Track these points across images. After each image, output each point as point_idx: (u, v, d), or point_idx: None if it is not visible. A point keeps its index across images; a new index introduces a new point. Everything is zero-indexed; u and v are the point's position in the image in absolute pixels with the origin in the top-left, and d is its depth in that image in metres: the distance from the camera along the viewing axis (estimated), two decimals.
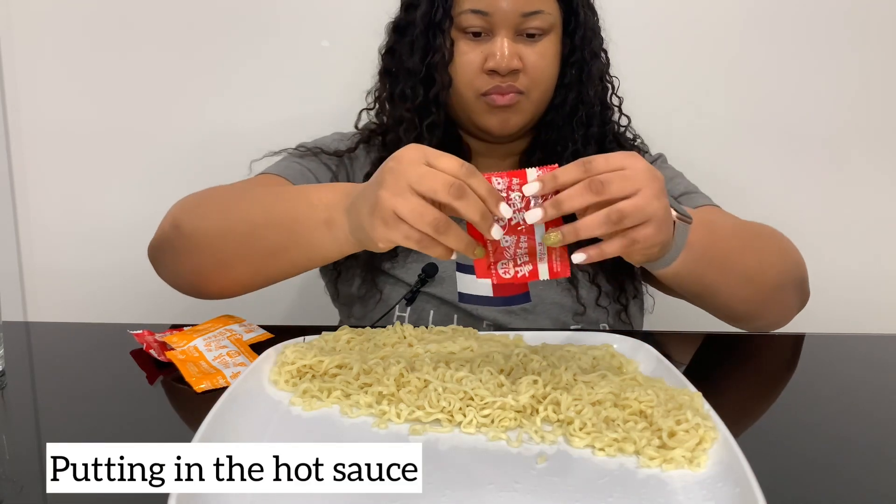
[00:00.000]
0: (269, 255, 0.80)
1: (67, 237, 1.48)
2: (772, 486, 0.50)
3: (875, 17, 1.39)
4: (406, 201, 0.61)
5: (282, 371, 0.71)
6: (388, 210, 0.62)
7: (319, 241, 0.74)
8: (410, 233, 0.62)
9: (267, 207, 0.81)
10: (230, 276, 0.85)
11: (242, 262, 0.83)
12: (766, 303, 0.88)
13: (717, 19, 1.39)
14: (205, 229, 0.84)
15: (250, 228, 0.80)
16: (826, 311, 1.40)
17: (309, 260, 0.79)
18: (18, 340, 0.88)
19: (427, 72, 0.97)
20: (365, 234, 0.67)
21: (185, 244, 0.86)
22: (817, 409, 0.73)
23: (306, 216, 0.75)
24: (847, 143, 1.44)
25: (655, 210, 0.62)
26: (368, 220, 0.65)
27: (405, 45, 0.99)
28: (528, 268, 0.65)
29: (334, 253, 0.75)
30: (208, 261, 0.84)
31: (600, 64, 1.02)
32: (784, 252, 0.90)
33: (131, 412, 0.70)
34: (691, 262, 0.74)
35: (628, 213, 0.61)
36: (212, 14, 1.39)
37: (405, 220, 0.62)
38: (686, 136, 1.36)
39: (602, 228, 0.61)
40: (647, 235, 0.63)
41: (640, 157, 0.64)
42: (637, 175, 0.62)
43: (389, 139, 1.02)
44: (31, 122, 1.44)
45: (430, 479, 0.54)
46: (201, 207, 0.87)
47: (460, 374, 0.67)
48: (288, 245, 0.77)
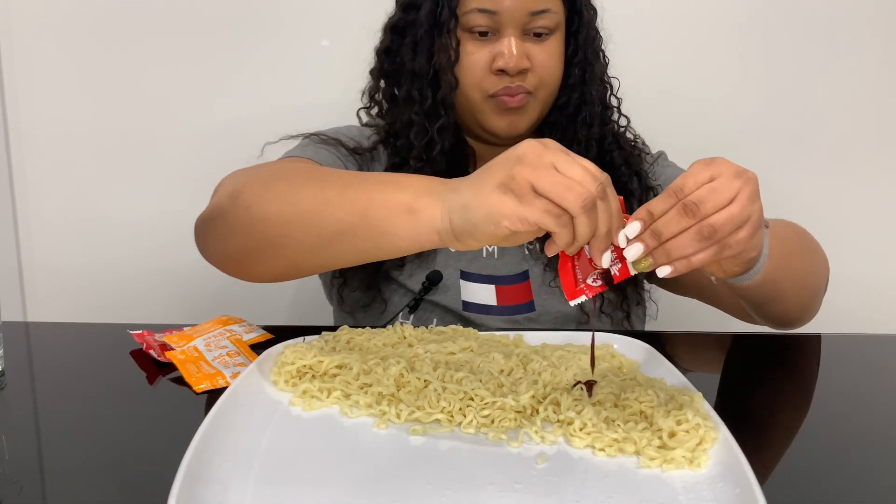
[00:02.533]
0: (333, 238, 0.70)
1: (67, 236, 1.48)
2: (772, 486, 0.50)
3: (876, 17, 1.39)
4: (550, 174, 0.56)
5: (282, 371, 0.71)
6: (525, 183, 0.56)
7: (395, 227, 0.65)
8: (551, 208, 0.56)
9: (340, 187, 0.71)
10: (283, 259, 0.77)
11: (302, 244, 0.73)
12: (813, 304, 0.89)
13: (717, 19, 1.39)
14: (268, 205, 0.75)
15: (319, 207, 0.71)
16: (826, 311, 1.40)
17: (377, 248, 0.69)
18: (18, 340, 0.88)
19: (434, 73, 0.96)
20: (478, 215, 0.59)
21: (241, 219, 0.77)
22: (817, 409, 0.73)
23: (384, 199, 0.66)
24: (849, 144, 1.44)
25: (750, 213, 0.59)
26: (494, 197, 0.58)
27: (407, 46, 0.98)
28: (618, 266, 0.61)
29: (409, 242, 0.66)
30: (263, 240, 0.76)
31: (601, 64, 1.02)
32: (820, 252, 0.91)
33: (131, 412, 0.70)
34: (770, 269, 0.71)
35: (720, 225, 0.57)
36: (212, 14, 1.39)
37: (546, 194, 0.56)
38: (686, 137, 1.36)
39: (695, 246, 0.58)
40: (741, 240, 0.59)
41: (725, 160, 0.60)
42: (729, 182, 0.58)
43: (400, 144, 1.00)
44: (31, 122, 1.44)
45: (430, 479, 0.54)
46: (268, 184, 0.78)
47: (460, 375, 0.67)
48: (356, 229, 0.68)
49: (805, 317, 0.92)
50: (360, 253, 0.71)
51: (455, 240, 0.62)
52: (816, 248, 0.91)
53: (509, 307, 0.98)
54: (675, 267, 0.59)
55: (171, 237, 1.33)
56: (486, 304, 0.98)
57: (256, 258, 0.78)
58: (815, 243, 0.91)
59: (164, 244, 1.44)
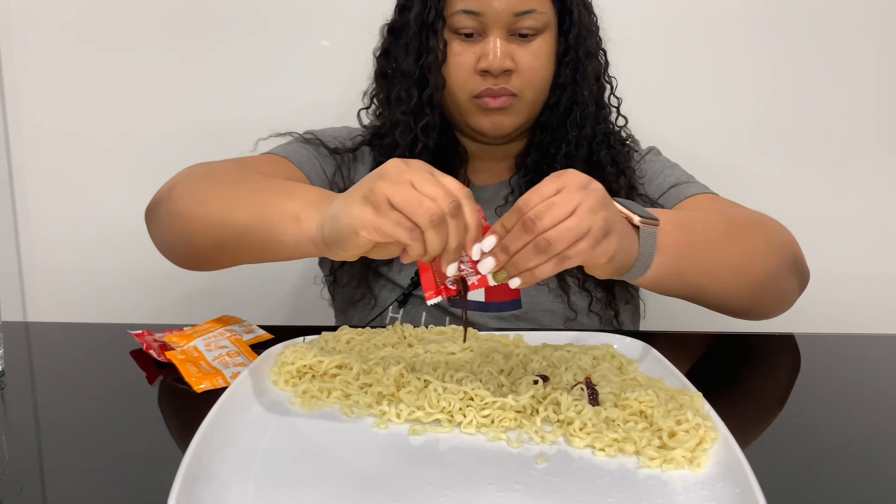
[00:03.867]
0: (234, 238, 0.77)
1: (67, 237, 1.48)
2: (772, 487, 0.50)
3: (875, 17, 1.39)
4: (405, 190, 0.60)
5: (281, 371, 0.71)
6: (383, 196, 0.60)
7: (281, 234, 0.71)
8: (403, 220, 0.59)
9: (247, 192, 0.79)
10: (196, 251, 0.84)
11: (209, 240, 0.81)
12: (762, 293, 0.86)
13: (717, 19, 1.39)
14: (189, 202, 0.83)
15: (227, 208, 0.78)
16: (827, 311, 1.40)
17: (266, 250, 0.75)
18: (18, 340, 0.88)
19: (421, 73, 0.97)
20: (342, 224, 0.63)
21: (169, 212, 0.85)
22: (818, 409, 0.73)
23: (278, 206, 0.72)
24: (847, 143, 1.43)
25: (590, 224, 0.61)
26: (356, 208, 0.61)
27: (400, 47, 0.99)
28: (475, 278, 0.65)
29: (291, 249, 0.72)
30: (182, 234, 0.84)
31: (596, 64, 1.01)
32: (770, 238, 0.86)
33: (131, 412, 0.70)
34: (669, 265, 0.73)
35: (555, 239, 0.60)
36: (211, 14, 1.39)
37: (400, 208, 0.59)
38: (686, 137, 1.36)
39: (535, 260, 0.61)
40: (581, 251, 0.61)
41: (575, 173, 0.63)
42: (569, 196, 0.61)
43: (387, 142, 1.02)
44: (31, 123, 1.44)
45: (430, 479, 0.54)
46: (197, 182, 0.85)
47: (460, 375, 0.67)
48: (252, 232, 0.75)
49: (760, 304, 0.88)
50: (254, 254, 0.78)
51: (327, 249, 0.66)
52: (760, 234, 0.86)
53: (496, 304, 0.99)
54: (522, 279, 0.62)
55: None
56: (474, 299, 0.99)
57: (180, 249, 0.87)
58: (762, 228, 0.87)
59: None
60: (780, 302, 0.90)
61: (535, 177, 1.00)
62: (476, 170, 1.06)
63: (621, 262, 0.68)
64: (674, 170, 1.05)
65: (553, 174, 0.63)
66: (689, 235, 0.76)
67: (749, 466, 0.52)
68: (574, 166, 0.98)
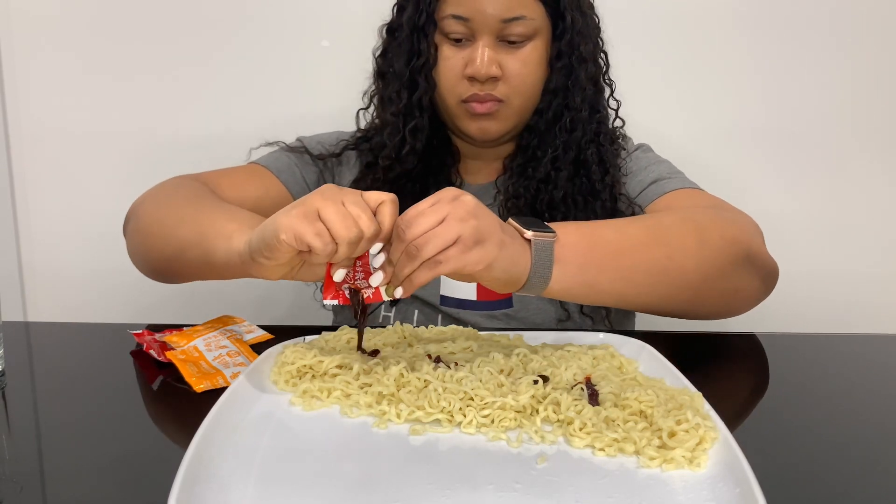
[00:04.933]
0: (179, 251, 0.83)
1: (67, 237, 1.48)
2: (772, 486, 0.50)
3: (874, 17, 1.39)
4: (335, 206, 0.64)
5: (282, 371, 0.71)
6: (313, 208, 0.64)
7: (215, 249, 0.76)
8: (323, 232, 0.63)
9: (195, 210, 0.84)
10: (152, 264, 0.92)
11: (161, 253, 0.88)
12: (700, 293, 0.82)
13: (717, 20, 1.39)
14: (147, 217, 0.91)
15: (176, 224, 0.85)
16: (827, 311, 1.40)
17: (205, 264, 0.80)
18: (18, 340, 0.88)
19: (411, 76, 0.97)
20: (267, 232, 0.66)
21: (134, 229, 0.93)
22: (818, 409, 0.73)
23: (216, 225, 0.78)
24: (847, 143, 1.44)
25: (459, 231, 0.63)
26: (283, 216, 0.65)
27: (394, 49, 1.00)
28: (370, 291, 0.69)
29: (221, 266, 0.77)
30: (141, 248, 0.92)
31: (591, 68, 0.99)
32: (705, 237, 0.81)
33: (131, 412, 0.70)
34: (572, 275, 0.72)
35: (422, 243, 0.63)
36: (211, 15, 1.39)
37: (325, 221, 0.63)
38: (685, 138, 1.36)
39: (410, 266, 0.64)
40: (451, 256, 0.63)
41: (450, 189, 0.67)
42: (438, 208, 0.64)
43: (375, 143, 1.03)
44: (31, 123, 1.44)
45: (430, 479, 0.54)
46: (158, 199, 0.92)
47: (460, 374, 0.67)
48: (194, 247, 0.80)
49: (704, 304, 0.85)
50: (195, 271, 0.84)
51: (251, 261, 0.69)
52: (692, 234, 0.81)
53: (488, 302, 0.99)
54: (403, 287, 0.66)
55: None
56: (466, 298, 0.99)
57: (143, 262, 0.94)
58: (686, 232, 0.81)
59: None
60: (733, 300, 0.87)
61: (521, 179, 1.01)
62: (467, 169, 1.07)
63: (509, 273, 0.69)
64: (659, 166, 1.03)
65: (433, 195, 0.66)
66: (596, 244, 0.75)
67: (749, 466, 0.52)
68: (560, 169, 0.99)
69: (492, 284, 0.70)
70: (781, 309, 1.26)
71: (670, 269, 0.79)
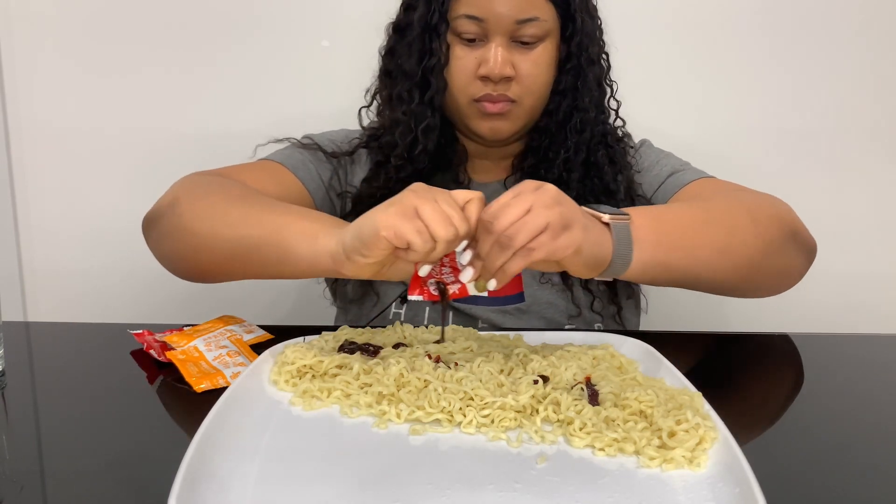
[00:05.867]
0: (247, 251, 0.80)
1: (67, 237, 1.48)
2: (772, 486, 0.50)
3: (874, 17, 1.39)
4: (434, 206, 0.65)
5: (282, 371, 0.71)
6: (411, 205, 0.65)
7: (297, 248, 0.75)
8: (423, 230, 0.64)
9: (262, 209, 0.82)
10: (203, 265, 0.86)
11: (219, 254, 0.83)
12: (757, 269, 0.85)
13: (716, 20, 1.39)
14: (197, 215, 0.84)
15: (240, 222, 0.81)
16: (827, 311, 1.40)
17: (280, 264, 0.78)
18: (18, 340, 0.88)
19: (423, 75, 0.97)
20: (364, 230, 0.66)
21: (174, 225, 0.86)
22: (817, 409, 0.73)
23: (295, 225, 0.77)
24: (847, 143, 1.43)
25: (547, 218, 0.65)
26: (380, 213, 0.66)
27: (403, 47, 0.99)
28: (457, 286, 0.71)
29: (305, 264, 0.76)
30: (189, 247, 0.85)
31: (598, 69, 1.01)
32: (757, 214, 0.85)
33: (131, 412, 0.70)
34: (650, 255, 0.75)
35: (513, 233, 0.64)
36: (211, 14, 1.39)
37: (426, 220, 0.64)
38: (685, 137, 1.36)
39: (502, 257, 0.66)
40: (543, 242, 0.65)
41: (529, 181, 0.69)
42: (523, 197, 0.66)
43: (385, 141, 1.02)
44: (31, 122, 1.44)
45: (430, 479, 0.54)
46: (203, 196, 0.87)
47: (460, 374, 0.67)
48: (268, 246, 0.78)
49: (759, 281, 0.88)
50: (268, 268, 0.81)
51: (345, 259, 0.70)
52: (743, 213, 0.84)
53: (500, 297, 0.99)
54: (496, 279, 0.68)
55: None
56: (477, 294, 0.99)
57: (184, 261, 0.88)
58: (747, 207, 0.86)
59: None
60: (783, 276, 0.90)
61: (531, 179, 1.00)
62: (475, 168, 1.07)
63: (594, 257, 0.71)
64: (669, 159, 1.05)
65: (513, 188, 0.68)
66: (664, 224, 0.78)
67: (749, 466, 0.52)
68: (572, 170, 0.99)
69: (577, 269, 0.72)
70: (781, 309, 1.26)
71: (733, 245, 0.82)
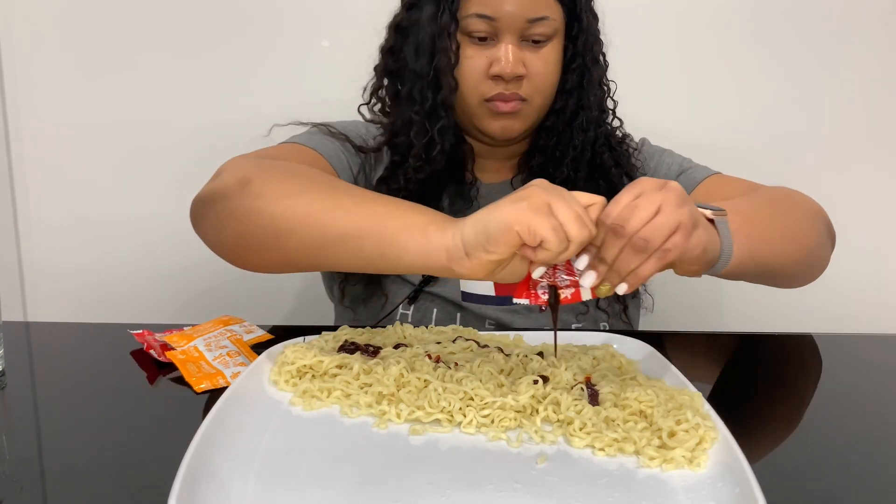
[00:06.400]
0: (338, 240, 0.72)
1: (67, 236, 1.48)
2: (772, 486, 0.50)
3: (875, 18, 1.39)
4: (567, 204, 0.62)
5: (282, 371, 0.71)
6: (544, 202, 0.61)
7: (406, 241, 0.68)
8: (558, 228, 0.61)
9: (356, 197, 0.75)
10: (281, 252, 0.76)
11: (305, 241, 0.74)
12: (811, 254, 0.89)
13: (717, 20, 1.39)
14: (279, 198, 0.75)
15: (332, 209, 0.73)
16: (827, 311, 1.40)
17: (381, 257, 0.70)
18: (18, 340, 0.88)
19: (434, 75, 0.97)
20: (492, 224, 0.62)
21: (246, 207, 0.76)
22: (817, 410, 0.73)
23: (402, 215, 0.70)
24: (847, 143, 1.44)
25: (679, 218, 0.63)
26: (510, 207, 0.62)
27: (410, 46, 0.99)
28: (570, 291, 0.68)
29: (414, 257, 0.68)
30: (267, 230, 0.75)
31: (600, 69, 1.02)
32: (804, 206, 0.91)
33: (131, 412, 0.70)
34: (744, 250, 0.75)
35: (650, 235, 0.62)
36: (211, 14, 1.39)
37: (561, 218, 0.61)
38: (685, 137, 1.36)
39: (635, 260, 0.63)
40: (678, 243, 0.64)
41: (647, 179, 0.66)
42: (650, 197, 0.63)
43: (400, 141, 1.01)
44: (31, 122, 1.44)
45: (430, 479, 0.54)
46: (282, 178, 0.79)
47: (460, 374, 0.67)
48: (366, 236, 0.70)
49: (811, 265, 0.91)
50: (361, 259, 0.72)
51: (465, 255, 0.65)
52: (792, 201, 0.90)
53: (508, 297, 0.99)
54: (628, 283, 0.65)
55: (171, 237, 1.33)
56: (485, 294, 0.99)
57: (254, 247, 0.78)
58: (790, 195, 0.92)
59: (165, 244, 1.44)
60: (823, 265, 0.93)
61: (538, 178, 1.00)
62: (481, 168, 1.06)
63: (712, 254, 0.71)
64: (672, 157, 1.07)
65: (627, 186, 0.65)
66: (748, 219, 0.78)
67: (749, 466, 0.52)
68: (579, 170, 1.00)
69: (691, 268, 0.70)
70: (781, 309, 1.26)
71: (797, 237, 0.85)
